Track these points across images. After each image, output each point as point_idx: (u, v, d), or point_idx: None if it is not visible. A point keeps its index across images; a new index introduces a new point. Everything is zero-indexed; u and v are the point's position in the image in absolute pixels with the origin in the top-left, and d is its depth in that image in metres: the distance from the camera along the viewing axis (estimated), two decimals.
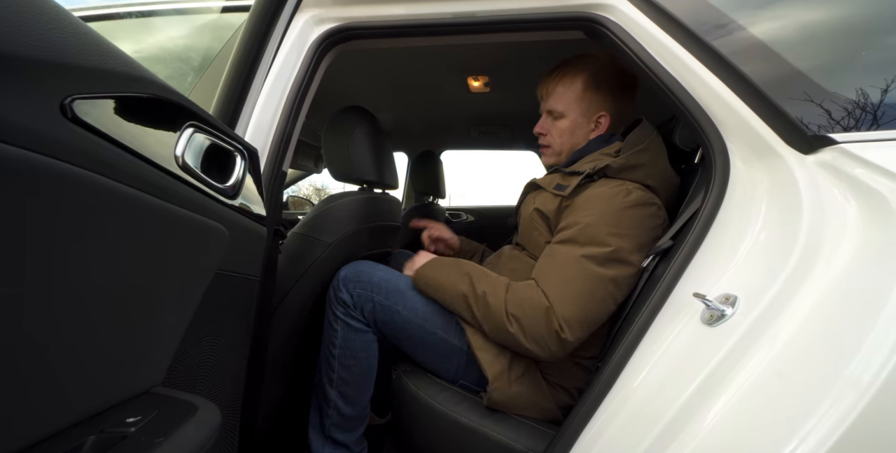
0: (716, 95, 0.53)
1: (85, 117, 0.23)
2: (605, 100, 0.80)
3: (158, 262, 0.30)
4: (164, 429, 0.27)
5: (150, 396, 0.31)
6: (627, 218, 0.65)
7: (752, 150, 0.53)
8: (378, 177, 0.90)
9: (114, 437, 0.25)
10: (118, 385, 0.29)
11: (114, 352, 0.30)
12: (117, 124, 0.26)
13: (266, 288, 0.60)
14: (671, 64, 0.57)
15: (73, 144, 0.22)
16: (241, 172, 0.42)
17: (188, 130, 0.33)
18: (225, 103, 0.60)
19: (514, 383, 0.66)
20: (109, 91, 0.25)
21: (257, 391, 0.61)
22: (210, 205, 0.35)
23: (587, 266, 0.63)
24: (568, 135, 0.82)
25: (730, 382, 0.44)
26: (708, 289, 0.50)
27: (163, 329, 0.33)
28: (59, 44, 0.21)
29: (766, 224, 0.49)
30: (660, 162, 0.72)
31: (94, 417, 0.27)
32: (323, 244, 0.81)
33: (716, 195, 0.54)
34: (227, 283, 0.43)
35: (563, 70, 0.81)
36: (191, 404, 0.31)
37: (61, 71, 0.22)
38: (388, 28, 0.70)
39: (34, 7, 0.21)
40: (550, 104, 0.82)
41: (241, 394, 0.52)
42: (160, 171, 0.29)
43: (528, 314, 0.63)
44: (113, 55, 0.26)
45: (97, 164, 0.24)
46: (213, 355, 0.41)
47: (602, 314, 0.64)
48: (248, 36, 0.64)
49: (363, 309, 0.73)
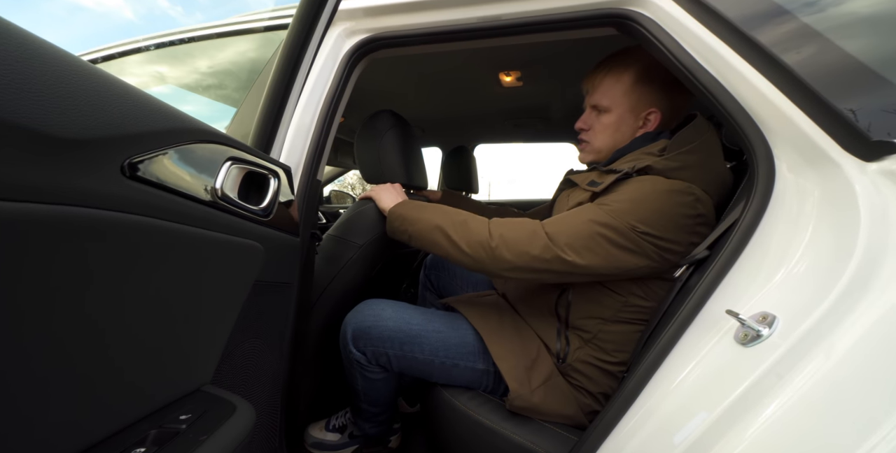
0: (761, 96, 0.49)
1: (140, 173, 0.28)
2: (656, 94, 0.72)
3: (205, 280, 0.35)
4: (208, 427, 0.32)
5: (200, 394, 0.37)
6: (657, 202, 0.60)
7: (802, 157, 0.48)
8: (407, 179, 0.92)
9: (170, 433, 0.31)
10: (177, 384, 0.35)
11: (174, 356, 0.35)
12: (166, 172, 0.30)
13: (303, 290, 0.66)
14: (711, 62, 0.52)
15: (132, 198, 0.27)
16: (275, 192, 0.47)
17: (226, 164, 0.37)
18: (265, 121, 0.65)
19: (537, 390, 0.67)
20: (159, 147, 0.30)
21: (297, 383, 0.68)
22: (246, 227, 0.40)
23: (596, 227, 0.61)
24: (611, 132, 0.75)
25: (763, 408, 0.42)
26: (742, 307, 0.47)
27: (210, 334, 0.38)
28: (120, 119, 0.26)
29: (816, 239, 0.45)
30: (711, 164, 0.65)
31: (157, 412, 0.33)
32: (355, 245, 0.85)
33: (757, 205, 0.50)
34: (266, 291, 0.48)
35: (611, 62, 0.75)
36: (230, 404, 0.36)
37: (124, 141, 0.27)
38: (416, 36, 0.71)
39: (103, 89, 0.25)
40: (596, 98, 0.75)
41: (280, 390, 0.58)
42: (203, 206, 0.34)
43: (511, 226, 0.65)
44: (161, 113, 0.30)
45: (152, 210, 0.29)
46: (255, 355, 0.46)
47: (597, 255, 0.61)
48: (285, 51, 0.68)
49: (379, 361, 0.73)
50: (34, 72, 0.22)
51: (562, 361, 0.70)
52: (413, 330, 0.71)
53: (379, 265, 0.92)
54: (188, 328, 0.36)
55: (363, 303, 0.77)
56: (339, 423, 0.93)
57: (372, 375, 0.75)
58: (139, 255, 0.28)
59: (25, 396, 0.24)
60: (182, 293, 0.34)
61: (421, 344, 0.71)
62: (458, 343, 0.71)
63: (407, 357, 0.71)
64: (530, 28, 0.66)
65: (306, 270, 0.66)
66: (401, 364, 0.72)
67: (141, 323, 0.31)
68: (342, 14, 0.72)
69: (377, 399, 0.80)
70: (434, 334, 0.72)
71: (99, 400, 0.29)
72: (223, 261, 0.37)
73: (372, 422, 0.86)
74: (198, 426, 0.32)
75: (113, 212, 0.26)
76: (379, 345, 0.71)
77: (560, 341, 0.72)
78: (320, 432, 0.93)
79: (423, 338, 0.71)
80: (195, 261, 0.34)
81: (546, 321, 0.75)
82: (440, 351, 0.71)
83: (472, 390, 0.74)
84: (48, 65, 0.23)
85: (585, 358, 0.70)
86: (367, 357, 0.72)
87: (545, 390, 0.67)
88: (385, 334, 0.71)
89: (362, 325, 0.72)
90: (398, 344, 0.71)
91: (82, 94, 0.24)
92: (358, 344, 0.72)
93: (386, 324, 0.71)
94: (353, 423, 0.91)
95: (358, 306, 0.76)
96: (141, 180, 0.28)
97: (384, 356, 0.71)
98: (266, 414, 0.53)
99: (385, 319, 0.72)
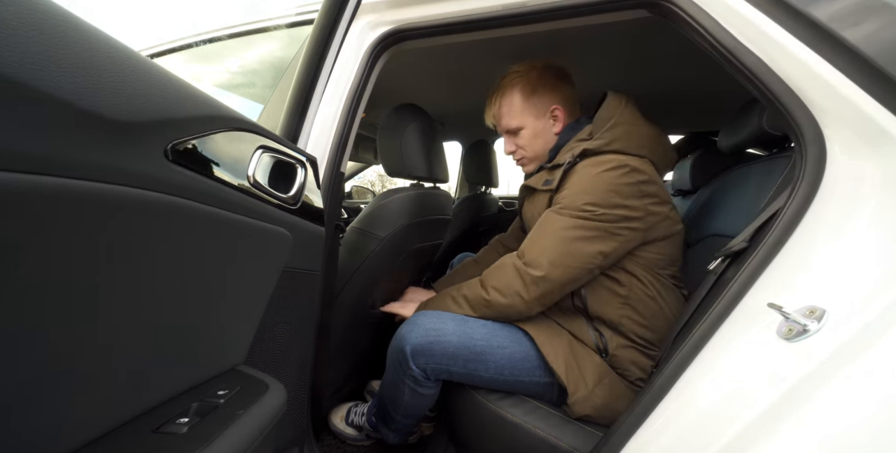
0: (813, 75, 0.45)
1: (181, 157, 0.29)
2: (546, 96, 0.82)
3: (238, 264, 0.37)
4: (244, 403, 0.33)
5: (235, 373, 0.39)
6: (601, 183, 0.66)
7: (858, 137, 0.44)
8: (428, 172, 0.92)
9: (209, 406, 0.33)
10: (214, 361, 0.37)
11: (212, 334, 0.37)
12: (204, 157, 0.32)
13: (327, 279, 0.67)
14: (756, 42, 0.49)
15: (173, 180, 0.28)
16: (302, 182, 0.48)
17: (258, 152, 0.38)
18: (291, 113, 0.67)
19: (595, 390, 0.65)
20: (198, 132, 0.31)
21: (322, 368, 0.70)
22: (276, 214, 0.41)
23: (559, 220, 0.67)
24: (536, 141, 0.84)
25: (809, 408, 0.39)
26: (786, 300, 0.44)
27: (244, 316, 0.40)
28: (163, 104, 0.27)
29: (875, 227, 0.41)
30: (635, 131, 0.71)
31: (197, 387, 0.34)
32: (377, 238, 0.86)
33: (805, 192, 0.47)
34: (293, 278, 0.50)
35: (497, 93, 0.85)
36: (263, 383, 0.37)
37: (166, 125, 0.28)
38: (440, 26, 0.70)
39: (145, 75, 0.26)
40: (504, 125, 0.85)
41: (308, 371, 0.60)
42: (237, 191, 0.35)
43: (497, 275, 0.70)
44: (198, 100, 0.32)
45: (191, 193, 0.30)
46: (284, 339, 0.48)
47: (580, 259, 0.66)
48: (311, 45, 0.69)
49: (438, 377, 0.70)
50: (95, 61, 0.23)
51: (605, 355, 0.69)
52: (478, 346, 0.67)
53: (401, 257, 0.93)
54: (225, 308, 0.37)
55: (420, 314, 0.72)
56: (357, 422, 0.93)
57: (425, 391, 0.71)
58: (180, 236, 0.30)
59: (93, 361, 0.26)
60: (219, 274, 0.35)
61: (486, 362, 0.67)
62: (522, 358, 0.68)
63: (472, 375, 0.68)
64: (555, 14, 0.64)
65: (331, 260, 0.67)
66: (464, 379, 0.70)
67: (182, 301, 0.32)
68: (366, 7, 0.72)
69: (417, 412, 0.77)
70: (499, 351, 0.68)
71: (148, 372, 0.31)
72: (255, 246, 0.39)
73: (398, 432, 0.84)
74: (234, 401, 0.34)
75: (158, 194, 0.27)
76: (441, 362, 0.67)
77: (594, 334, 0.71)
78: (341, 423, 0.95)
79: (488, 355, 0.67)
80: (230, 244, 0.35)
81: (571, 317, 0.74)
82: (505, 369, 0.68)
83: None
84: (103, 53, 0.24)
85: (624, 344, 0.69)
86: (426, 373, 0.68)
87: (603, 390, 0.66)
88: (449, 351, 0.67)
89: (423, 341, 0.67)
90: (462, 361, 0.67)
91: (131, 80, 0.25)
92: (418, 360, 0.67)
93: (449, 340, 0.67)
94: (372, 429, 0.89)
95: (415, 318, 0.71)
96: (181, 164, 0.29)
97: (445, 373, 0.68)
98: (294, 396, 0.55)
99: (448, 334, 0.67)
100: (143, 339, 0.30)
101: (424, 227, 0.97)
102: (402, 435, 0.86)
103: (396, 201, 0.90)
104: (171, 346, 0.32)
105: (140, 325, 0.29)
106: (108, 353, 0.27)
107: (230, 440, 0.29)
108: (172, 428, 0.30)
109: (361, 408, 0.95)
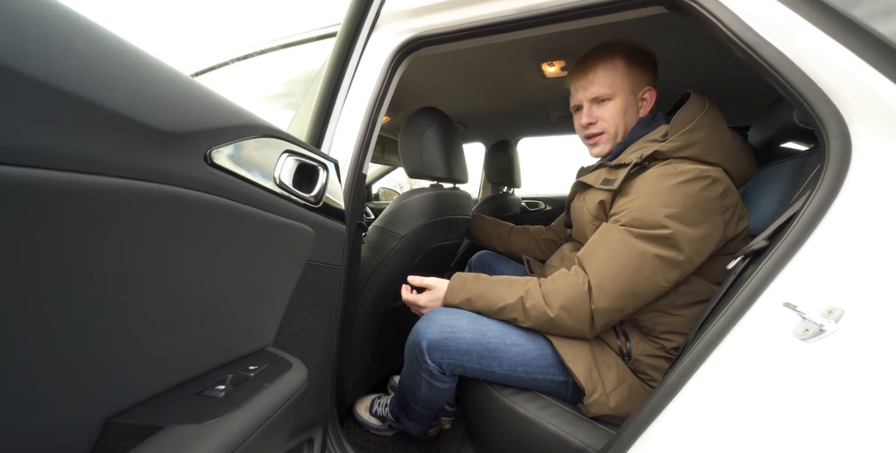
0: (839, 69, 0.44)
1: (218, 161, 0.34)
2: (647, 74, 0.77)
3: (266, 256, 0.41)
4: (270, 377, 0.39)
5: (264, 353, 0.44)
6: (678, 195, 0.60)
7: (888, 130, 0.42)
8: (447, 173, 0.95)
9: (242, 377, 0.38)
10: (246, 343, 0.42)
11: (245, 320, 0.42)
12: (237, 161, 0.36)
13: (351, 273, 0.72)
14: (779, 36, 0.48)
15: (211, 181, 0.33)
16: (324, 183, 0.52)
17: (283, 156, 0.43)
18: (316, 119, 0.72)
19: (613, 394, 0.65)
20: (232, 139, 0.36)
21: (346, 356, 0.74)
22: (299, 212, 0.46)
23: (635, 244, 0.61)
24: (622, 116, 0.78)
25: (823, 410, 0.38)
26: (804, 299, 0.43)
27: (272, 302, 0.45)
28: (201, 115, 0.32)
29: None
30: (717, 136, 0.65)
31: (232, 362, 0.40)
32: (397, 236, 0.90)
33: (828, 188, 0.45)
34: (316, 271, 0.54)
35: (596, 54, 0.79)
36: (288, 362, 0.42)
37: (206, 134, 0.33)
38: (458, 32, 0.73)
39: (187, 91, 0.31)
40: (594, 91, 0.78)
41: (331, 358, 0.64)
42: (265, 191, 0.40)
43: (566, 294, 0.64)
44: (234, 111, 0.37)
45: (226, 192, 0.35)
46: (308, 327, 0.53)
47: (649, 289, 0.62)
48: (334, 55, 0.74)
49: (453, 372, 0.71)
50: (144, 77, 0.28)
51: (628, 358, 0.69)
52: (491, 343, 0.68)
53: (420, 255, 0.97)
54: (255, 294, 0.42)
55: (435, 311, 0.73)
56: (380, 413, 0.98)
57: (440, 384, 0.73)
58: (217, 229, 0.35)
59: (150, 334, 0.32)
60: (250, 263, 0.40)
61: (500, 358, 0.68)
62: (537, 355, 0.68)
63: (485, 371, 0.69)
64: (571, 14, 0.64)
65: (353, 256, 0.72)
66: (479, 375, 0.71)
67: (221, 286, 0.37)
68: (387, 17, 0.76)
69: (435, 405, 0.80)
70: (513, 348, 0.68)
71: (192, 347, 0.36)
72: (280, 240, 0.43)
73: (418, 423, 0.87)
74: (262, 375, 0.39)
75: (200, 193, 0.32)
76: (456, 358, 0.68)
77: (620, 338, 0.70)
78: (365, 413, 0.99)
79: (501, 352, 0.68)
80: (259, 237, 0.40)
81: None
82: (519, 366, 0.68)
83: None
84: (150, 71, 0.29)
85: (650, 352, 0.68)
86: (441, 368, 0.70)
87: (620, 393, 0.65)
88: (463, 347, 0.68)
89: (438, 336, 0.68)
90: (476, 357, 0.68)
91: (176, 95, 0.30)
92: (434, 355, 0.69)
93: (463, 337, 0.68)
94: (394, 419, 0.93)
95: (430, 314, 0.72)
96: (218, 167, 0.34)
97: (460, 368, 0.70)
98: (318, 377, 0.60)
99: (462, 331, 0.68)
100: (189, 317, 0.35)
101: (443, 226, 0.99)
102: (423, 426, 0.89)
103: (416, 201, 0.93)
104: (211, 326, 0.37)
105: (188, 303, 0.35)
106: (162, 329, 0.33)
107: (257, 406, 0.35)
108: (212, 393, 0.35)
109: (385, 400, 1.00)
